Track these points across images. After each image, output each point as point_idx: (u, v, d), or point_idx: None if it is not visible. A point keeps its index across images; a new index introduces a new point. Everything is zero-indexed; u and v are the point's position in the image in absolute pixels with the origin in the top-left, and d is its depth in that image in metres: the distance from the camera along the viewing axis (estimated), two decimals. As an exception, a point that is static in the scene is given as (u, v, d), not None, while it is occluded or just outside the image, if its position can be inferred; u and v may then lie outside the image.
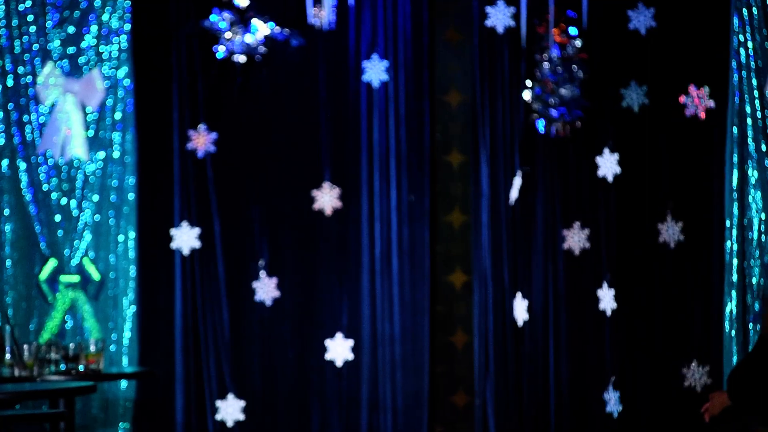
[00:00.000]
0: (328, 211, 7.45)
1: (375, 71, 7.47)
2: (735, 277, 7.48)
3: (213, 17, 7.23)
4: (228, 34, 7.22)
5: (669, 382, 7.58)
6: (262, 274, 7.43)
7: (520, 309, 7.41)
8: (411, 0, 7.50)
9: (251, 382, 7.43)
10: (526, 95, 7.39)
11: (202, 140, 7.38)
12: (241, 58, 7.26)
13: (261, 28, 7.23)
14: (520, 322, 7.43)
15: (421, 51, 7.52)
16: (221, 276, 7.41)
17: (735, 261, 7.47)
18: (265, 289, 7.43)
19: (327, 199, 7.45)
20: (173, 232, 7.36)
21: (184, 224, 7.36)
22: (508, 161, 7.41)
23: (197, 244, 7.38)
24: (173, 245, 7.37)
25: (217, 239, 7.41)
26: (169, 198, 7.37)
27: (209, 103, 7.39)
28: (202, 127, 7.37)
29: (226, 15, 7.22)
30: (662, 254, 7.57)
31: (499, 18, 7.43)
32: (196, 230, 7.37)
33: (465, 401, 7.70)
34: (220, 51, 7.25)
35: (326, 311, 7.48)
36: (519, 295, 7.29)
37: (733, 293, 7.46)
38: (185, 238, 7.36)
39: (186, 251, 7.37)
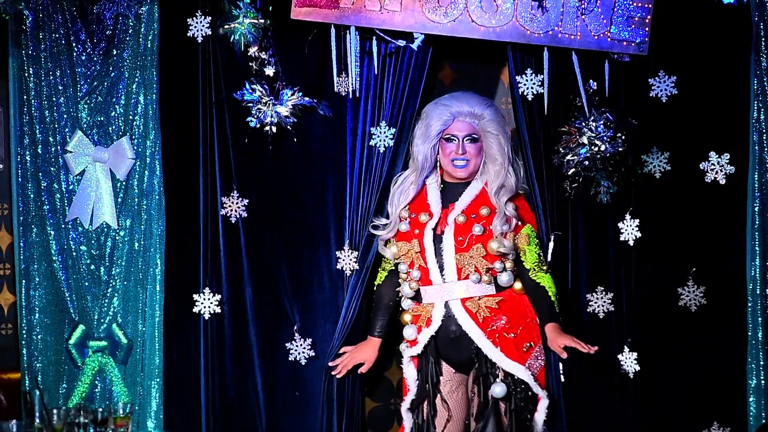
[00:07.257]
0: (348, 272, 7.45)
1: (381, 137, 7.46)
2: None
3: (244, 90, 7.28)
4: (259, 105, 7.27)
5: (691, 444, 7.61)
6: (296, 335, 7.44)
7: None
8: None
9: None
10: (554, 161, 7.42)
11: (234, 206, 7.41)
12: (272, 128, 7.31)
13: (290, 98, 7.29)
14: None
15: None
16: (252, 338, 7.43)
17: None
18: (299, 349, 7.44)
19: (347, 261, 7.45)
20: (201, 296, 7.38)
21: (212, 288, 7.39)
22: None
23: (225, 308, 7.40)
24: (201, 309, 7.38)
25: (248, 302, 7.42)
26: (198, 262, 7.39)
27: (241, 171, 7.44)
28: (234, 193, 7.41)
29: (257, 86, 7.28)
30: (684, 318, 7.60)
31: (527, 86, 7.43)
32: (224, 294, 7.40)
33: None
34: (252, 121, 7.30)
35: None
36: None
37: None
38: (212, 302, 7.38)
39: (210, 315, 7.38)
